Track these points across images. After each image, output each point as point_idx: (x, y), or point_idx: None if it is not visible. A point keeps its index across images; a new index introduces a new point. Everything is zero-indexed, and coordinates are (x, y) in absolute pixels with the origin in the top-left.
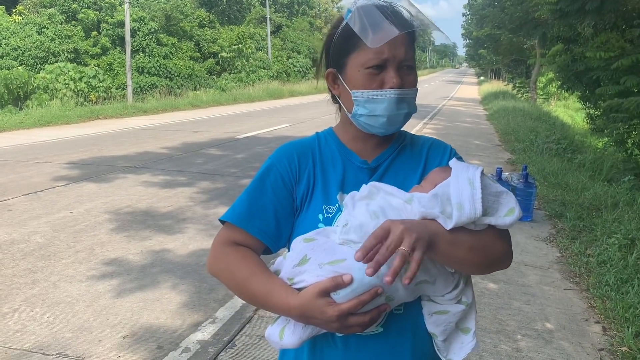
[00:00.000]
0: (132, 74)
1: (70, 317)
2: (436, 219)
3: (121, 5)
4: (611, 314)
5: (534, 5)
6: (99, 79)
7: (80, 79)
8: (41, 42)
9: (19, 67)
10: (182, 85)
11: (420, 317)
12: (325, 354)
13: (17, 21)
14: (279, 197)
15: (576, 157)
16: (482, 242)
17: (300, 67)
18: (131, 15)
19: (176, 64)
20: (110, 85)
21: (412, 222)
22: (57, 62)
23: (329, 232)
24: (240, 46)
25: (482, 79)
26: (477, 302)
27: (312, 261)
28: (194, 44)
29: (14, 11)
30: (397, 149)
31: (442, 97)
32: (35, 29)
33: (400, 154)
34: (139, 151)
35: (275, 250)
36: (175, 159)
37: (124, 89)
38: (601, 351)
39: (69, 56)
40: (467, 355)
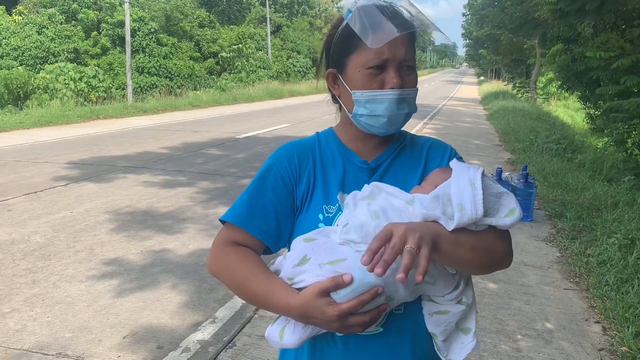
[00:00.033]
0: (132, 74)
1: (70, 317)
2: (438, 221)
3: (121, 5)
4: (611, 313)
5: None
6: (99, 79)
7: (80, 79)
8: (41, 42)
9: (19, 67)
10: (182, 85)
11: (420, 317)
12: (325, 353)
13: (17, 21)
14: (279, 197)
15: (576, 157)
16: (484, 242)
17: (300, 67)
18: (131, 15)
19: (176, 64)
20: (110, 85)
21: (413, 223)
22: (57, 62)
23: (329, 232)
24: (240, 46)
25: (482, 79)
26: (477, 302)
27: (312, 261)
28: (194, 44)
29: (14, 11)
30: (397, 149)
31: (442, 97)
32: (35, 29)
33: (400, 154)
34: (139, 151)
35: (275, 250)
36: (175, 159)
37: (124, 89)
38: (601, 351)
39: (69, 56)
40: (467, 355)
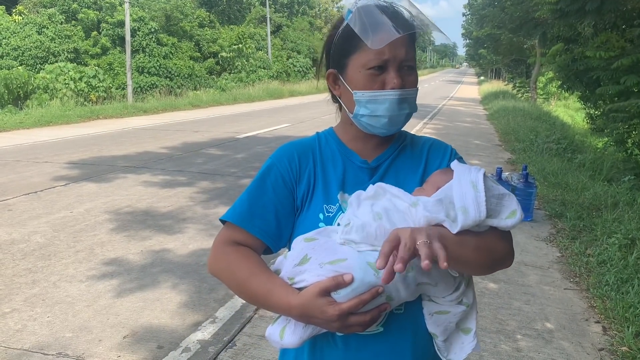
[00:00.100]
0: (132, 73)
1: (70, 317)
2: (442, 224)
3: (121, 5)
4: (611, 313)
5: (534, 5)
6: (99, 79)
7: (80, 79)
8: (41, 42)
9: (19, 67)
10: (182, 85)
11: (420, 317)
12: (325, 353)
13: (17, 21)
14: (280, 196)
15: (576, 157)
16: (486, 242)
17: (300, 67)
18: (131, 15)
19: (176, 64)
20: (110, 85)
21: (417, 227)
22: (57, 62)
23: (330, 232)
24: (240, 46)
25: (482, 78)
26: (477, 302)
27: (313, 260)
28: (194, 43)
29: (14, 11)
30: (397, 149)
31: (442, 97)
32: (35, 28)
33: (400, 154)
34: (139, 151)
35: (275, 250)
36: (175, 158)
37: (124, 89)
38: (601, 351)
39: (69, 56)
40: (467, 355)
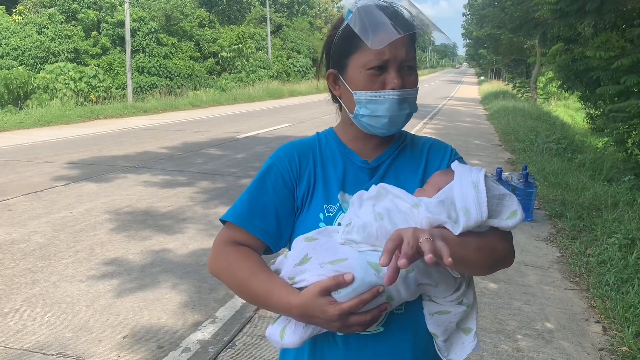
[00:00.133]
0: (132, 73)
1: (70, 317)
2: (444, 225)
3: (121, 5)
4: (611, 313)
5: (534, 5)
6: (99, 79)
7: (80, 79)
8: (41, 42)
9: (19, 67)
10: (182, 85)
11: (421, 317)
12: (325, 353)
13: (17, 21)
14: (280, 196)
15: (576, 157)
16: (487, 242)
17: (300, 67)
18: (131, 15)
19: (176, 64)
20: (110, 85)
21: (419, 228)
22: (57, 62)
23: (330, 232)
24: (240, 46)
25: (482, 78)
26: (477, 302)
27: (313, 260)
28: (194, 43)
29: (14, 11)
30: (397, 149)
31: (442, 97)
32: (35, 28)
33: (400, 154)
34: (139, 151)
35: (276, 249)
36: (175, 158)
37: (124, 89)
38: (601, 351)
39: (69, 56)
40: (467, 355)
